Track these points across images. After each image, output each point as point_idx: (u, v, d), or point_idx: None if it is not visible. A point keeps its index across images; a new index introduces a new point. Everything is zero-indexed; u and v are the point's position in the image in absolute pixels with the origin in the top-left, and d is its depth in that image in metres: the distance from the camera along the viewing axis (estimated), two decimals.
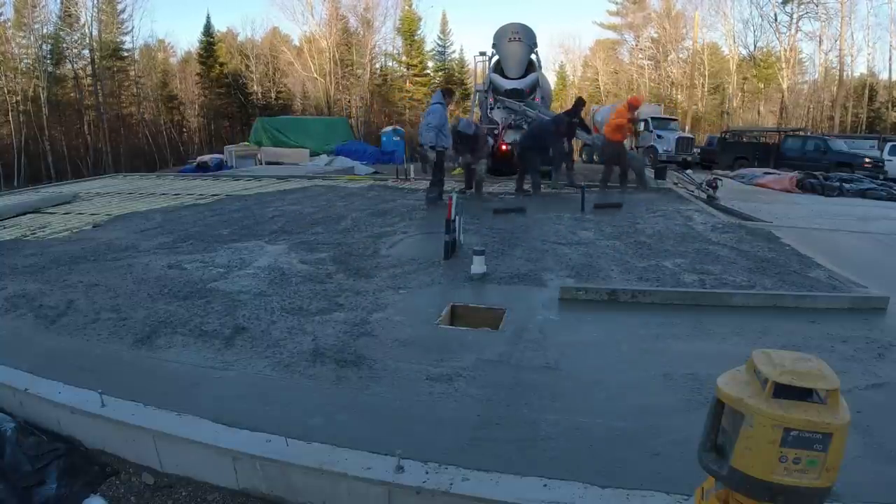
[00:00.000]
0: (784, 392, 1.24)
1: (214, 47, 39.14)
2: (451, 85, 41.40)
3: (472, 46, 61.68)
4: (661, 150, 19.27)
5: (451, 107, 11.24)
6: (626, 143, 10.66)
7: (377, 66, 40.85)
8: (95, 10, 32.04)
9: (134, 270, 4.74)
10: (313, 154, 19.38)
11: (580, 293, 3.93)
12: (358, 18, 38.78)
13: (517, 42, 12.68)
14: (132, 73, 34.95)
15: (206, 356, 3.09)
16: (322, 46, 37.25)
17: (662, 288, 4.11)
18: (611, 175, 9.80)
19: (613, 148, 9.63)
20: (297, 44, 40.39)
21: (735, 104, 36.43)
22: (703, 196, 9.24)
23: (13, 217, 7.55)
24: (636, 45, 40.79)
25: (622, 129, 9.50)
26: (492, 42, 13.23)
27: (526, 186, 9.39)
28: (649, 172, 10.68)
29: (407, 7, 40.58)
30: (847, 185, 10.99)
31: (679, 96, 37.13)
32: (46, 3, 30.15)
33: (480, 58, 14.30)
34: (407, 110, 40.04)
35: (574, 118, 9.78)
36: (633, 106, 9.78)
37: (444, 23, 43.79)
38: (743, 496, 1.32)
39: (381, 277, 4.45)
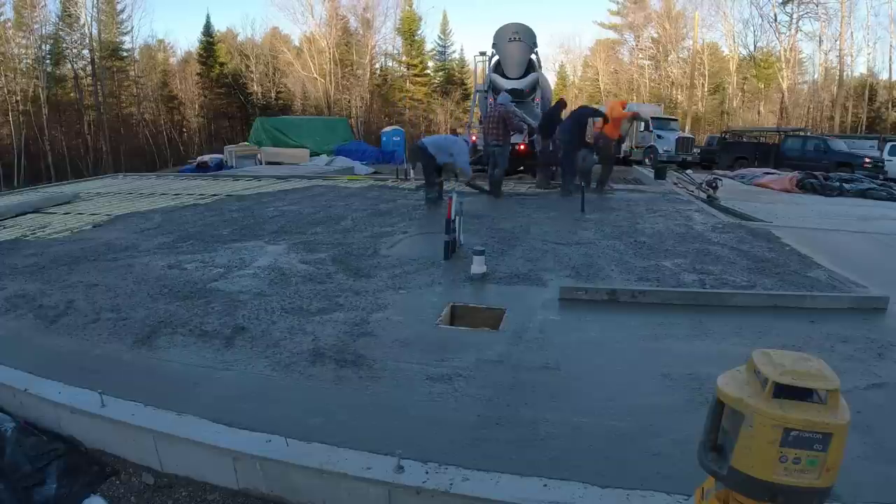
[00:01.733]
0: (784, 392, 1.24)
1: (214, 47, 39.16)
2: (450, 85, 41.42)
3: (473, 46, 62.03)
4: (661, 150, 19.27)
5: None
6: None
7: (377, 66, 40.87)
8: (95, 10, 32.08)
9: (134, 270, 4.74)
10: (313, 154, 19.38)
11: (580, 293, 3.93)
12: (358, 18, 38.83)
13: (517, 42, 12.66)
14: (132, 73, 34.98)
15: (206, 356, 3.09)
16: (322, 46, 37.25)
17: (662, 288, 4.11)
18: (610, 173, 9.76)
19: (611, 146, 9.62)
20: (297, 44, 40.43)
21: (735, 104, 36.45)
22: (703, 196, 9.25)
23: (13, 217, 7.55)
24: (636, 45, 40.81)
25: (619, 126, 9.53)
26: (492, 42, 13.23)
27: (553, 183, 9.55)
28: (650, 172, 10.74)
29: (407, 7, 40.62)
30: (847, 186, 11.00)
31: (679, 96, 37.14)
32: (46, 3, 30.17)
33: (480, 58, 14.30)
34: (407, 110, 40.07)
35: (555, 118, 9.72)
36: (623, 105, 10.03)
37: (445, 23, 43.89)
38: (743, 496, 1.32)
39: (381, 277, 4.45)
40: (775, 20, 33.34)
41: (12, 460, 2.40)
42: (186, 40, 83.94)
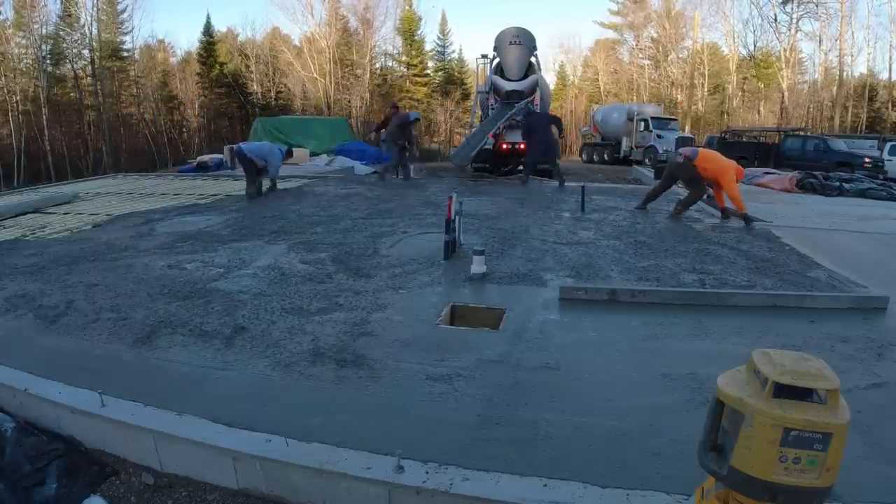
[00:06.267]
0: (784, 392, 1.24)
1: (214, 47, 39.13)
2: (450, 85, 41.49)
3: (472, 46, 61.96)
4: (660, 150, 19.27)
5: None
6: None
7: (377, 66, 40.85)
8: (95, 10, 32.05)
9: (134, 270, 4.74)
10: (313, 154, 19.36)
11: (580, 293, 3.93)
12: (358, 18, 38.78)
13: (517, 45, 12.86)
14: (132, 73, 34.96)
15: (206, 356, 3.09)
16: (322, 46, 37.21)
17: (662, 288, 4.11)
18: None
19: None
20: (297, 44, 40.38)
21: (735, 104, 36.42)
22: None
23: (13, 217, 7.54)
24: (636, 45, 40.81)
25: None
26: (493, 45, 13.41)
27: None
28: (650, 172, 10.85)
29: (407, 7, 40.59)
30: (847, 185, 10.99)
31: (679, 96, 37.11)
32: (46, 3, 30.14)
33: (482, 60, 14.51)
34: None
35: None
36: None
37: (444, 23, 43.86)
38: (743, 496, 1.32)
39: (381, 277, 4.45)
40: (775, 20, 33.31)
41: (12, 460, 2.40)
42: (186, 40, 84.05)
